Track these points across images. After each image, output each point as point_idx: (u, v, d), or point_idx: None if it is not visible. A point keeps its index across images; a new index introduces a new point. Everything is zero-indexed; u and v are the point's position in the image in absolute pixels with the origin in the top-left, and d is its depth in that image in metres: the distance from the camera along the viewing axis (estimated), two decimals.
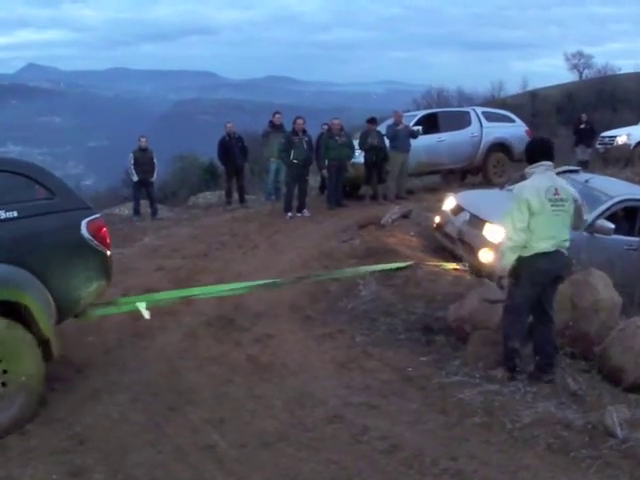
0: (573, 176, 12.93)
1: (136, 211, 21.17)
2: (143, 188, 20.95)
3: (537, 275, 7.40)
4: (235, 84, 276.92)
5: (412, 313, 9.61)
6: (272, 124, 21.32)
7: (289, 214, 17.79)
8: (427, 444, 6.27)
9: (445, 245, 13.42)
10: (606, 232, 11.56)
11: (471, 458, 6.02)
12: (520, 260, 7.34)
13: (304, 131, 18.36)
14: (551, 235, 7.32)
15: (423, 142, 20.31)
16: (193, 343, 9.05)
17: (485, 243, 11.60)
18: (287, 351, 8.68)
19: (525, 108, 38.96)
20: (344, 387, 7.58)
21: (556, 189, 7.36)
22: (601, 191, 12.62)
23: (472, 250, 11.93)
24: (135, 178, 20.67)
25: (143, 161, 20.57)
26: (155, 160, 20.98)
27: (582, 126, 25.93)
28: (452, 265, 12.02)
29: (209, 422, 6.80)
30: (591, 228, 11.57)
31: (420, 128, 20.89)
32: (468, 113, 23.22)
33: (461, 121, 22.61)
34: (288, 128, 19.96)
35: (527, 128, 23.81)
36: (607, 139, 25.77)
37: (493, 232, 11.49)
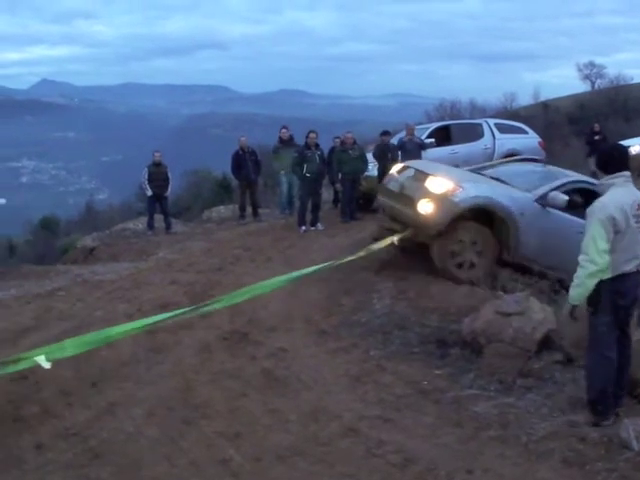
0: (532, 164, 13.58)
1: (150, 225, 21.25)
2: (157, 203, 21.02)
3: (619, 299, 6.64)
4: (248, 98, 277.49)
5: (426, 326, 9.60)
6: (280, 139, 21.34)
7: (303, 228, 17.80)
8: (442, 457, 6.25)
9: (384, 205, 13.48)
10: (559, 204, 11.54)
11: (486, 471, 6.00)
12: (598, 284, 6.52)
13: (317, 145, 18.38)
14: (635, 255, 6.62)
15: (436, 154, 20.23)
16: (208, 357, 9.05)
17: (426, 194, 11.61)
18: (301, 365, 8.67)
19: (537, 119, 38.88)
20: (358, 401, 7.58)
21: (639, 204, 6.62)
22: (559, 172, 12.99)
23: (412, 202, 11.83)
24: (149, 193, 20.78)
25: (157, 176, 20.68)
26: (169, 175, 21.07)
27: (595, 137, 25.85)
28: (384, 243, 11.86)
29: (224, 436, 6.81)
30: (543, 200, 11.66)
31: (433, 140, 20.91)
32: (481, 125, 23.22)
33: (474, 133, 22.62)
34: (300, 141, 20.00)
35: (540, 139, 23.79)
36: None
37: (435, 183, 11.64)
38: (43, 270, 16.74)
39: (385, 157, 19.14)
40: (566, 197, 11.51)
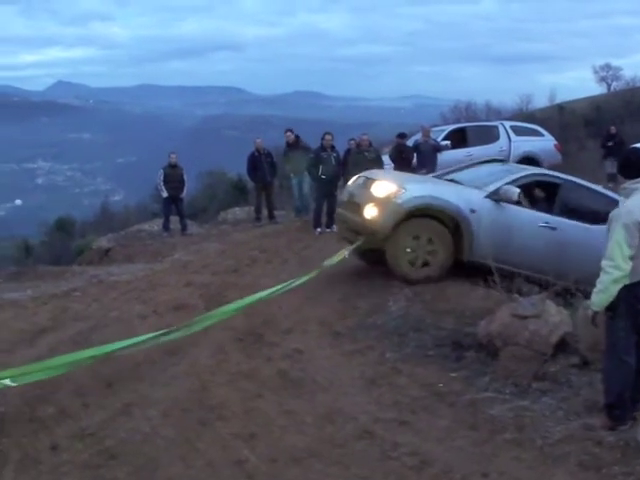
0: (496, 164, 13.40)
1: (165, 227, 21.35)
2: (173, 204, 21.09)
3: (638, 304, 6.51)
4: (263, 99, 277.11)
5: (442, 329, 9.56)
6: (287, 143, 21.32)
7: (318, 230, 17.82)
8: (457, 460, 6.24)
9: (339, 215, 13.49)
10: (511, 198, 11.39)
11: (501, 475, 5.98)
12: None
13: (332, 147, 18.38)
14: None
15: (451, 157, 20.23)
16: (223, 358, 9.07)
17: (370, 199, 11.55)
18: (317, 367, 8.68)
19: (553, 121, 38.75)
20: (374, 403, 7.57)
21: None
22: (516, 166, 13.14)
23: (358, 208, 11.80)
24: (165, 194, 20.88)
25: (173, 177, 20.78)
26: (185, 176, 21.13)
27: (611, 140, 25.72)
28: (339, 256, 11.81)
29: (239, 437, 6.82)
30: (496, 195, 11.49)
31: (449, 143, 20.90)
32: (496, 127, 23.24)
33: (490, 135, 22.62)
34: (310, 142, 20.05)
35: (556, 142, 23.75)
36: None
37: (378, 187, 11.57)
38: (59, 271, 16.83)
39: (401, 159, 19.15)
40: (517, 190, 11.36)
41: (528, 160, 21.70)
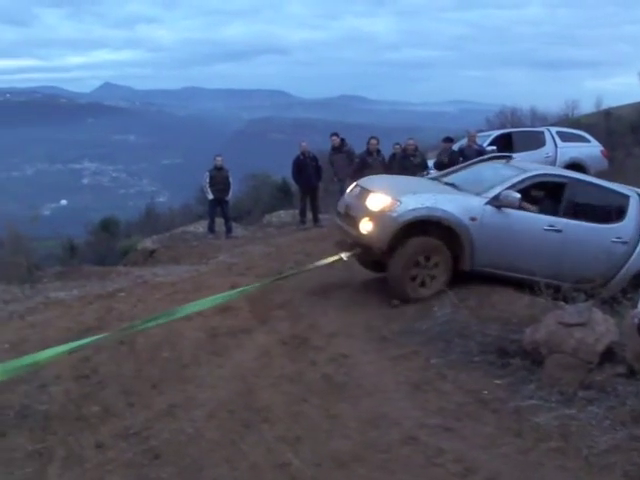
0: (498, 161, 13.16)
1: (211, 229, 21.47)
2: (218, 206, 21.21)
3: None
4: (308, 103, 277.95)
5: (487, 335, 9.50)
6: (332, 147, 21.34)
7: None
8: (502, 468, 6.21)
9: (336, 225, 13.23)
10: (512, 203, 11.15)
11: None
12: None
13: (378, 151, 18.40)
14: None
15: None
16: (268, 362, 9.09)
17: (366, 213, 11.32)
18: (362, 371, 8.67)
19: (599, 127, 38.32)
20: (419, 408, 7.54)
21: None
22: (518, 168, 12.39)
23: (355, 222, 11.56)
24: (210, 196, 21.00)
25: (218, 180, 20.89)
26: (230, 179, 21.24)
27: None
28: (331, 259, 11.71)
29: (284, 440, 6.83)
30: (496, 201, 11.24)
31: (494, 148, 20.80)
32: (542, 133, 23.08)
33: (535, 141, 22.48)
34: (354, 145, 20.06)
35: (602, 148, 23.55)
36: None
37: (373, 201, 11.31)
38: (104, 271, 16.97)
39: (442, 164, 19.10)
40: (518, 195, 11.14)
41: (574, 166, 21.53)
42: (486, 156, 14.55)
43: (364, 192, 11.89)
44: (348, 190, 13.05)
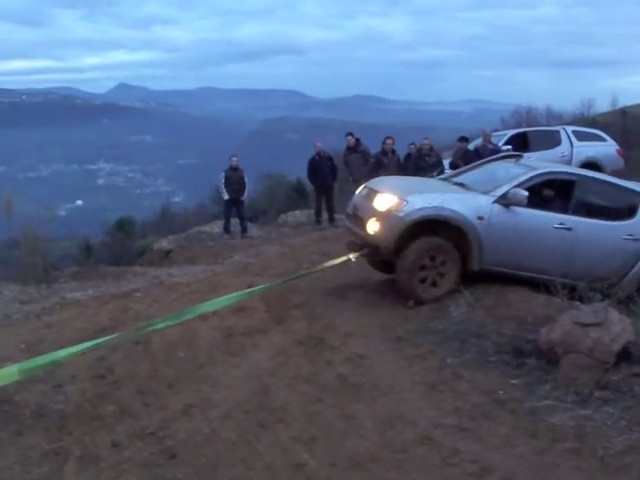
0: (509, 160, 13.05)
1: (226, 229, 21.50)
2: (234, 206, 21.25)
3: None
4: (323, 103, 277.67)
5: (503, 335, 9.46)
6: (347, 147, 21.36)
7: None
8: (517, 468, 6.20)
9: (344, 227, 13.26)
10: (519, 201, 11.06)
11: None
12: None
13: (393, 151, 18.40)
14: None
15: None
16: (284, 362, 9.09)
17: (373, 213, 11.31)
18: (377, 371, 8.67)
19: (615, 126, 38.17)
20: (434, 408, 7.53)
21: None
22: (526, 166, 12.31)
23: (362, 223, 11.55)
24: (226, 197, 21.03)
25: (234, 180, 20.93)
26: (246, 179, 21.28)
27: None
28: (339, 260, 11.69)
29: (299, 440, 6.84)
30: (504, 200, 11.18)
31: (510, 147, 20.76)
32: (558, 132, 23.04)
33: (551, 140, 22.44)
34: (370, 145, 20.04)
35: (618, 147, 23.48)
36: None
37: (380, 201, 11.30)
38: (120, 271, 16.99)
39: (458, 164, 19.08)
40: (525, 193, 11.04)
41: (590, 166, 21.45)
42: (496, 155, 14.49)
43: (371, 193, 11.89)
44: (357, 191, 13.03)
